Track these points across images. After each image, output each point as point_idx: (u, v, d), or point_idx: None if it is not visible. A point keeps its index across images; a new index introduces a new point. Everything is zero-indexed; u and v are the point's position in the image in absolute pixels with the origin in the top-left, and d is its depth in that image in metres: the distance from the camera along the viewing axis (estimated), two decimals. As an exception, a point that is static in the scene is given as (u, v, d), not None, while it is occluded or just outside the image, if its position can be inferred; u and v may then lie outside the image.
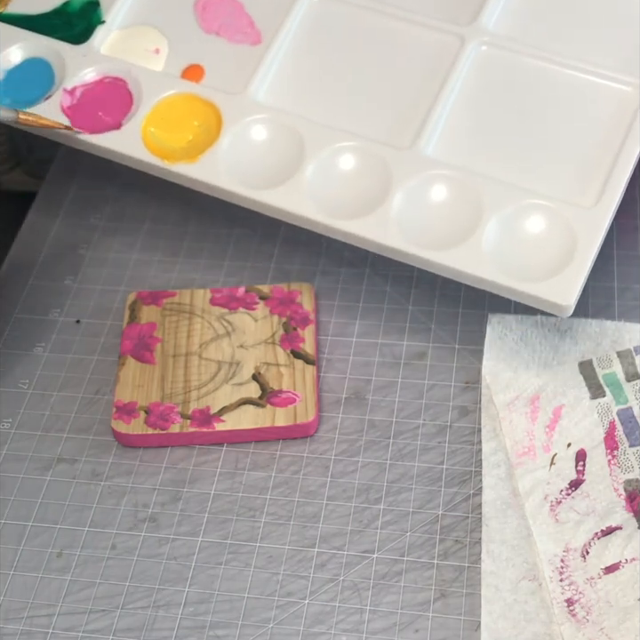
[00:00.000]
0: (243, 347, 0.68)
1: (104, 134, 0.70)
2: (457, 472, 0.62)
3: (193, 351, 0.68)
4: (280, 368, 0.66)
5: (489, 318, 0.67)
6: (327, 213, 0.66)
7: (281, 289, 0.71)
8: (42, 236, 0.78)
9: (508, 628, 0.55)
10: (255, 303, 0.70)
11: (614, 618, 0.55)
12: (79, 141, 0.71)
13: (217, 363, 0.67)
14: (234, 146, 0.69)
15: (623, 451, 0.60)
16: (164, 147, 0.70)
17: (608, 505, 0.59)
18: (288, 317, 0.69)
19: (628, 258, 0.73)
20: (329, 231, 0.67)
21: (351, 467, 0.63)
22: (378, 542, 0.59)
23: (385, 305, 0.71)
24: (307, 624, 0.56)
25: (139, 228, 0.77)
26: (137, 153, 0.69)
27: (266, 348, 0.68)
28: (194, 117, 0.70)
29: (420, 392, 0.66)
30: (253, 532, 0.60)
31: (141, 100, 0.71)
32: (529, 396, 0.64)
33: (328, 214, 0.66)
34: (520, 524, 0.59)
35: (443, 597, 0.57)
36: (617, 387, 0.63)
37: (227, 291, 0.71)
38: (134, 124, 0.70)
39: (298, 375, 0.66)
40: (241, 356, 0.67)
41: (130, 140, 0.70)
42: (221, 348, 0.68)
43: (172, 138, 0.70)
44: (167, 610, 0.58)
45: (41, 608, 0.58)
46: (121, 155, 0.70)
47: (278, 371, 0.66)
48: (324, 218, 0.66)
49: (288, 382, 0.66)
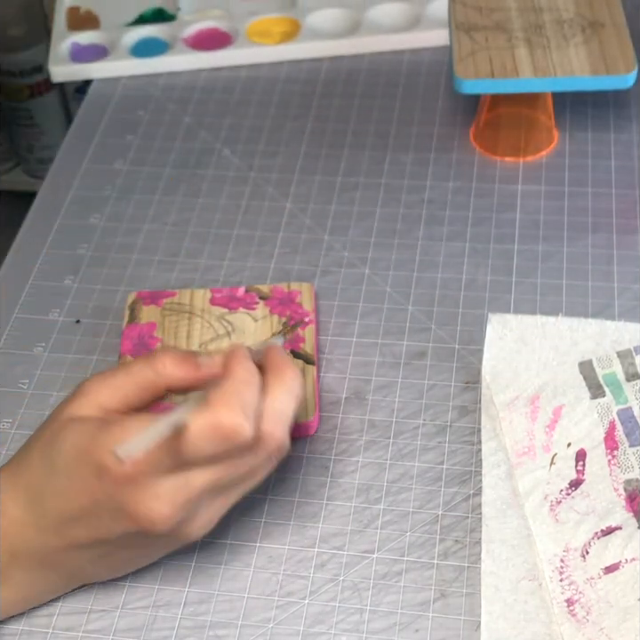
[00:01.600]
0: None
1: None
2: (457, 472, 0.62)
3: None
4: None
5: (489, 318, 0.67)
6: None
7: (281, 289, 0.71)
8: (42, 236, 0.78)
9: (508, 628, 0.55)
10: (255, 303, 0.70)
11: (614, 618, 0.55)
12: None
13: None
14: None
15: (623, 451, 0.60)
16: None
17: (608, 505, 0.59)
18: (288, 317, 0.69)
19: (628, 258, 0.73)
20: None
21: (351, 467, 0.63)
22: (378, 542, 0.59)
23: (385, 305, 0.71)
24: (307, 624, 0.56)
25: (139, 228, 0.77)
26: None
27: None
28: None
29: (419, 392, 0.66)
30: (253, 533, 0.60)
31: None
32: (529, 396, 0.64)
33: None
34: (520, 524, 0.59)
35: (443, 597, 0.57)
36: (617, 387, 0.63)
37: (227, 291, 0.71)
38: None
39: None
40: None
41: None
42: (221, 348, 0.68)
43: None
44: (167, 610, 0.57)
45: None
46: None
47: None
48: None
49: None
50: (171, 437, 0.50)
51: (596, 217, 0.76)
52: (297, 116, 0.86)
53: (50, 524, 0.53)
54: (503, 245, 0.74)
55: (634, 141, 0.81)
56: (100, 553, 0.54)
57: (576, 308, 0.70)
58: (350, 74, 0.90)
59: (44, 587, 0.56)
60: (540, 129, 0.81)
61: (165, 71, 0.92)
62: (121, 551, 0.54)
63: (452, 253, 0.74)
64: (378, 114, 0.86)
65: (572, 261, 0.73)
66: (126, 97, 0.90)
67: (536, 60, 0.77)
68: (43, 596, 0.57)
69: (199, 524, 0.53)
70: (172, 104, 0.88)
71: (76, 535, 0.52)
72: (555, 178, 0.79)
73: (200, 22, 0.94)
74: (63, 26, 0.95)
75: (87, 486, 0.51)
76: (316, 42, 0.91)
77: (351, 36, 0.91)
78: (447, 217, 0.77)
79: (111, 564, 0.55)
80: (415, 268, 0.74)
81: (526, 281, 0.72)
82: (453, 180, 0.79)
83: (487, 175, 0.80)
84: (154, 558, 0.57)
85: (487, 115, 0.81)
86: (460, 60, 0.77)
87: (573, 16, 0.80)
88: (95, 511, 0.51)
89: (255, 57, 0.91)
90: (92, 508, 0.51)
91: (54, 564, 0.54)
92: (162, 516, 0.50)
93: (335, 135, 0.84)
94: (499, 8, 0.81)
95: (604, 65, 0.76)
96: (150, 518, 0.50)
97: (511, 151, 0.81)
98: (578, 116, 0.84)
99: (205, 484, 0.51)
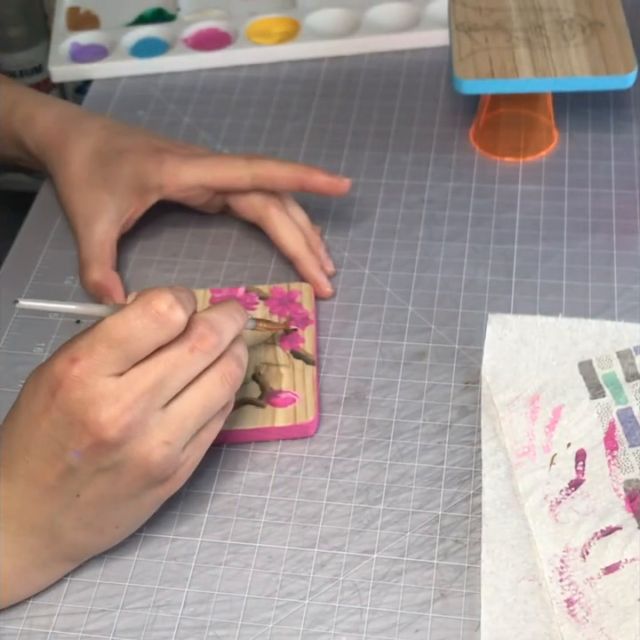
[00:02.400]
0: None
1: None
2: (457, 472, 0.62)
3: None
4: (280, 368, 0.66)
5: (489, 318, 0.67)
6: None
7: (281, 289, 0.71)
8: (42, 236, 0.78)
9: (508, 628, 0.55)
10: (255, 303, 0.70)
11: (614, 618, 0.55)
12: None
13: None
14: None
15: (623, 451, 0.60)
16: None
17: (608, 505, 0.59)
18: (288, 318, 0.69)
19: (627, 258, 0.73)
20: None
21: (351, 467, 0.63)
22: (378, 542, 0.59)
23: (385, 305, 0.71)
24: (307, 624, 0.56)
25: (139, 228, 0.77)
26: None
27: (266, 348, 0.68)
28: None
29: (419, 392, 0.66)
30: (253, 533, 0.60)
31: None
32: (529, 396, 0.64)
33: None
34: (520, 524, 0.59)
35: (443, 597, 0.57)
36: (617, 387, 0.63)
37: (227, 291, 0.71)
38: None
39: (298, 375, 0.66)
40: None
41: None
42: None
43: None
44: (167, 610, 0.57)
45: (41, 608, 0.58)
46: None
47: (278, 371, 0.66)
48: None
49: (288, 382, 0.66)
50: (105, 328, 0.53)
51: (596, 217, 0.76)
52: (297, 115, 0.86)
53: (17, 467, 0.54)
54: (503, 245, 0.74)
55: (634, 141, 0.81)
56: (69, 499, 0.55)
57: (576, 308, 0.70)
58: (350, 74, 0.90)
59: (30, 556, 0.56)
60: (540, 129, 0.81)
61: (165, 71, 0.92)
62: (91, 496, 0.55)
63: (452, 253, 0.74)
64: (378, 114, 0.86)
65: (572, 261, 0.73)
66: (126, 97, 0.90)
67: (536, 60, 0.77)
68: (32, 572, 0.57)
69: (185, 467, 0.56)
70: (171, 104, 0.88)
71: (41, 471, 0.54)
72: (555, 178, 0.79)
73: (200, 22, 0.94)
74: (63, 26, 0.95)
75: (43, 407, 0.53)
76: (316, 42, 0.91)
77: (351, 36, 0.91)
78: (447, 217, 0.77)
79: (85, 518, 0.56)
80: (415, 268, 0.74)
81: (526, 281, 0.72)
82: (453, 180, 0.79)
83: (487, 175, 0.80)
84: (138, 516, 0.58)
85: (487, 115, 0.81)
86: (459, 60, 0.77)
87: (573, 16, 0.80)
88: (54, 434, 0.53)
89: (255, 57, 0.91)
90: (50, 430, 0.53)
91: (30, 524, 0.55)
92: (110, 417, 0.52)
93: (335, 135, 0.84)
94: (499, 8, 0.81)
95: (603, 65, 0.76)
96: (98, 421, 0.52)
97: (511, 151, 0.81)
98: (578, 116, 0.84)
99: (148, 382, 0.53)
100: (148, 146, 0.73)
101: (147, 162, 0.72)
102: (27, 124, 0.76)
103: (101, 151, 0.73)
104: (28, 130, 0.76)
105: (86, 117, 0.76)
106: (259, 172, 0.71)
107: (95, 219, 0.72)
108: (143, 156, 0.72)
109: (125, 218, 0.73)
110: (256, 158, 0.72)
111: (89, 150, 0.73)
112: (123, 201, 0.72)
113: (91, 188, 0.73)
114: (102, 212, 0.72)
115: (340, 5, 0.94)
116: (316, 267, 0.72)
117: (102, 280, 0.71)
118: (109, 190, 0.72)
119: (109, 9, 0.98)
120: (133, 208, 0.73)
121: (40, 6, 1.32)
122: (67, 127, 0.75)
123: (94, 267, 0.72)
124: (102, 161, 0.73)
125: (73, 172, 0.73)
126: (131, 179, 0.72)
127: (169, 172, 0.72)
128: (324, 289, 0.71)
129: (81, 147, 0.74)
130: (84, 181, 0.73)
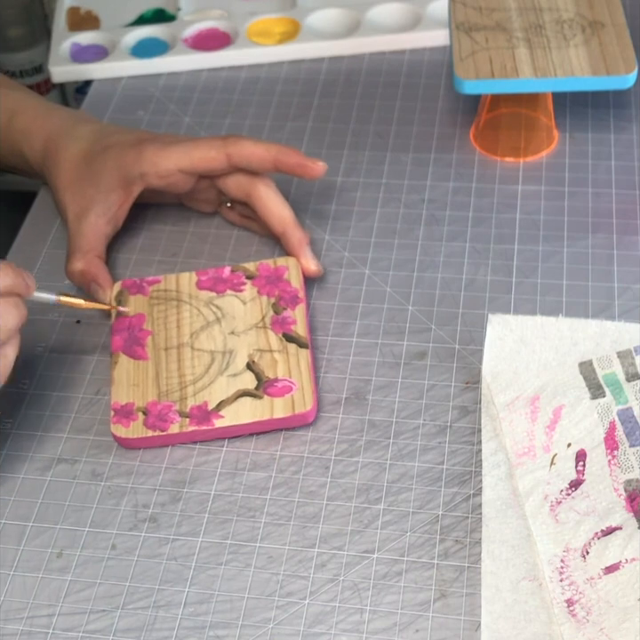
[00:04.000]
0: (234, 333, 0.68)
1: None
2: (457, 472, 0.62)
3: (184, 342, 0.67)
4: (274, 354, 0.66)
5: (489, 318, 0.67)
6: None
7: (267, 265, 0.71)
8: (42, 236, 0.78)
9: (508, 628, 0.55)
10: (242, 284, 0.70)
11: (614, 618, 0.55)
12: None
13: (210, 353, 0.67)
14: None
15: (623, 451, 0.60)
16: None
17: (608, 505, 0.59)
18: (277, 297, 0.69)
19: (628, 258, 0.73)
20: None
21: (351, 467, 0.63)
22: (378, 542, 0.59)
23: (385, 305, 0.71)
24: (307, 624, 0.56)
25: (139, 228, 0.77)
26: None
27: (257, 333, 0.67)
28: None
29: (420, 392, 0.66)
30: (253, 533, 0.60)
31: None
32: (529, 397, 0.64)
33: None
34: (520, 524, 0.59)
35: (443, 597, 0.57)
36: (617, 387, 0.63)
37: (212, 272, 0.71)
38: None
39: (292, 361, 0.66)
40: (233, 344, 0.67)
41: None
42: (212, 336, 0.68)
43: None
44: (167, 610, 0.58)
45: (41, 608, 0.58)
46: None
47: (272, 357, 0.66)
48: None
49: (283, 369, 0.65)
50: None
51: (597, 217, 0.76)
52: (297, 116, 0.86)
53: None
54: (503, 245, 0.74)
55: (634, 141, 0.81)
56: None
57: (576, 308, 0.70)
58: (350, 74, 0.90)
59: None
60: (540, 129, 0.81)
61: (165, 71, 0.92)
62: None
63: (452, 253, 0.74)
64: (378, 114, 0.86)
65: (572, 261, 0.73)
66: (126, 97, 0.90)
67: (536, 60, 0.77)
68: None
69: None
70: (172, 104, 0.88)
71: None
72: (555, 178, 0.79)
73: (200, 22, 0.94)
74: (63, 26, 0.95)
75: None
76: (316, 42, 0.91)
77: (351, 36, 0.91)
78: (447, 217, 0.77)
79: None
80: (415, 268, 0.74)
81: (526, 281, 0.72)
82: (453, 179, 0.79)
83: (487, 175, 0.80)
84: None
85: (487, 115, 0.81)
86: (460, 60, 0.77)
87: (573, 16, 0.80)
88: None
89: (255, 57, 0.91)
90: None
91: None
92: None
93: (335, 135, 0.84)
94: (499, 8, 0.81)
95: (604, 65, 0.76)
96: None
97: (511, 151, 0.81)
98: (578, 116, 0.84)
99: None
100: (131, 139, 0.74)
101: (127, 153, 0.73)
102: (26, 136, 0.77)
103: (89, 152, 0.74)
104: (27, 142, 0.77)
105: (82, 123, 0.77)
106: (233, 152, 0.72)
107: (83, 214, 0.73)
108: (125, 149, 0.73)
109: (113, 210, 0.73)
110: (232, 137, 0.72)
111: (79, 153, 0.75)
112: (109, 194, 0.73)
113: (79, 187, 0.74)
114: (89, 207, 0.73)
115: (339, 5, 0.94)
116: (303, 242, 0.72)
117: (85, 267, 0.72)
118: (95, 186, 0.73)
119: (110, 9, 0.98)
120: (120, 200, 0.73)
121: (40, 6, 1.32)
122: (62, 136, 0.76)
123: (77, 256, 0.72)
124: (89, 160, 0.74)
125: (64, 176, 0.74)
126: (113, 172, 0.73)
127: (148, 160, 0.72)
128: (311, 264, 0.71)
129: (71, 151, 0.75)
130: (74, 182, 0.74)
